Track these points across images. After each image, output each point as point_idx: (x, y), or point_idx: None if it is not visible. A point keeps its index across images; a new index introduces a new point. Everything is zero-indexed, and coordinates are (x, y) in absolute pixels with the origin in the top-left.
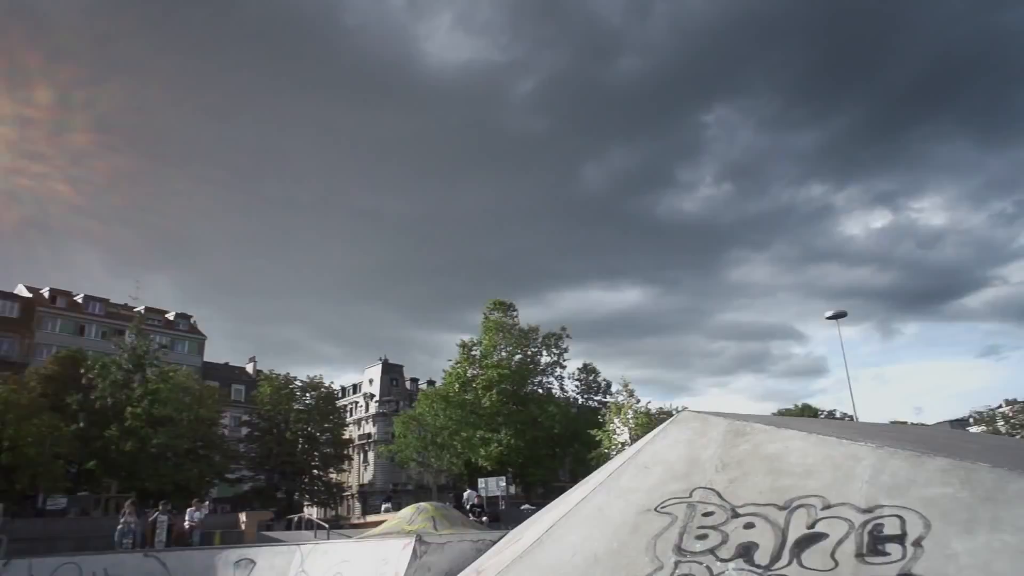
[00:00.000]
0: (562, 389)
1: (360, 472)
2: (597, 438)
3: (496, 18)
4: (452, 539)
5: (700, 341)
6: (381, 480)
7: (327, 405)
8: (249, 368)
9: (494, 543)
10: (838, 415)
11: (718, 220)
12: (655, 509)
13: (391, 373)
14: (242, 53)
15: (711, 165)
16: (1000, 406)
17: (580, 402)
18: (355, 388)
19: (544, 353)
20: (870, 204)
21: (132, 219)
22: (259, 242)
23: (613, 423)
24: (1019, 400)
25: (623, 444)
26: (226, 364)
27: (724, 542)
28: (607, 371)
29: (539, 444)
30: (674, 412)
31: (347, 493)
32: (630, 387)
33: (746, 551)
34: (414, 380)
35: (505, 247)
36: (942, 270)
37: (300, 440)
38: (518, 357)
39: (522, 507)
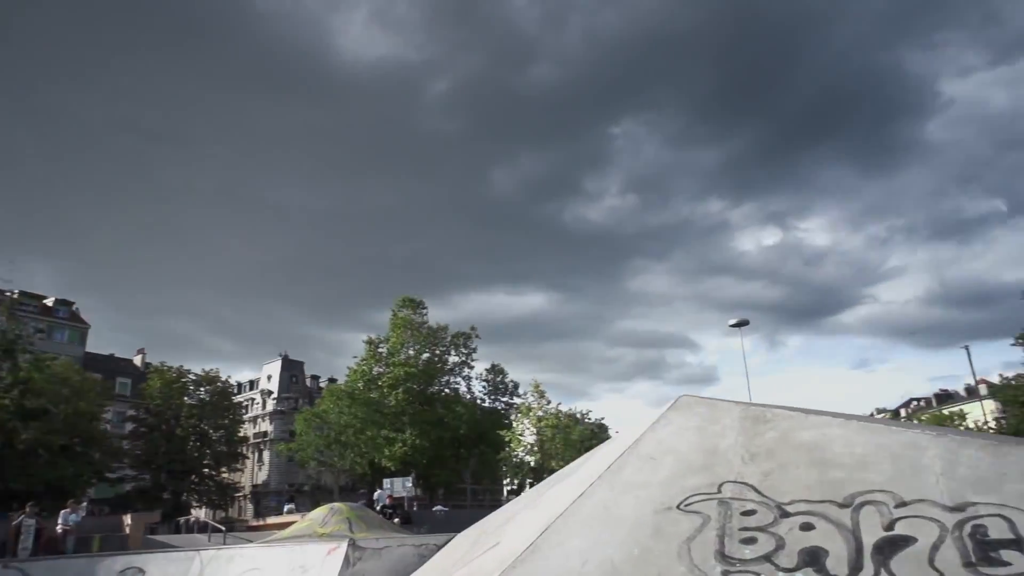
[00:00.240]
0: (469, 390)
1: (254, 472)
2: (507, 439)
3: (412, 16)
4: (391, 543)
5: (599, 347)
6: (276, 480)
7: (223, 400)
8: (137, 360)
9: (439, 547)
10: None
11: (622, 230)
12: (678, 507)
13: (291, 370)
14: (140, 30)
15: (617, 176)
16: (872, 414)
17: (487, 403)
18: (252, 384)
19: (452, 353)
20: (763, 222)
21: (5, 197)
22: (152, 230)
23: (522, 424)
24: (888, 408)
25: (531, 446)
26: (111, 356)
27: (780, 547)
28: (510, 374)
29: (444, 445)
30: (578, 416)
31: (239, 494)
32: (541, 388)
33: (813, 558)
34: (315, 377)
35: (412, 247)
36: (823, 287)
37: (191, 437)
38: (426, 356)
39: (434, 508)
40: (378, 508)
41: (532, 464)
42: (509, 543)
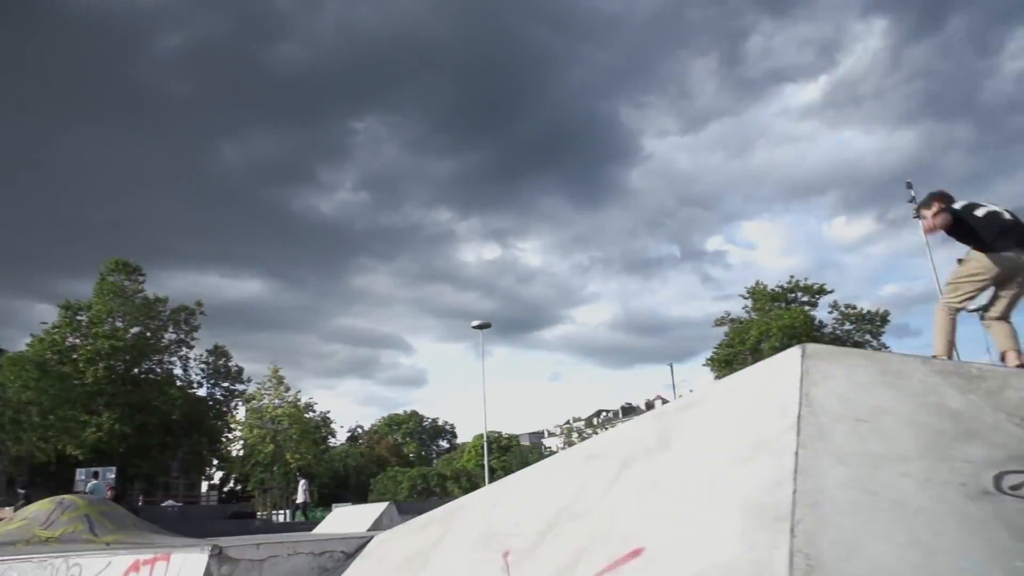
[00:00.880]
0: (185, 371)
1: None
2: (232, 427)
3: None
4: (278, 551)
5: (314, 342)
6: None
7: None
8: None
9: (352, 555)
10: (441, 422)
11: (351, 226)
12: (999, 489)
13: None
14: None
15: (353, 171)
16: (568, 421)
17: (203, 388)
18: None
19: (171, 329)
20: (486, 237)
21: None
22: None
23: (252, 413)
24: (581, 417)
25: (265, 436)
26: None
27: None
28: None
29: (150, 432)
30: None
31: None
32: (280, 374)
33: None
34: None
35: (116, 211)
36: (531, 304)
37: None
38: (137, 330)
39: (165, 504)
40: None
41: (262, 456)
42: (682, 551)
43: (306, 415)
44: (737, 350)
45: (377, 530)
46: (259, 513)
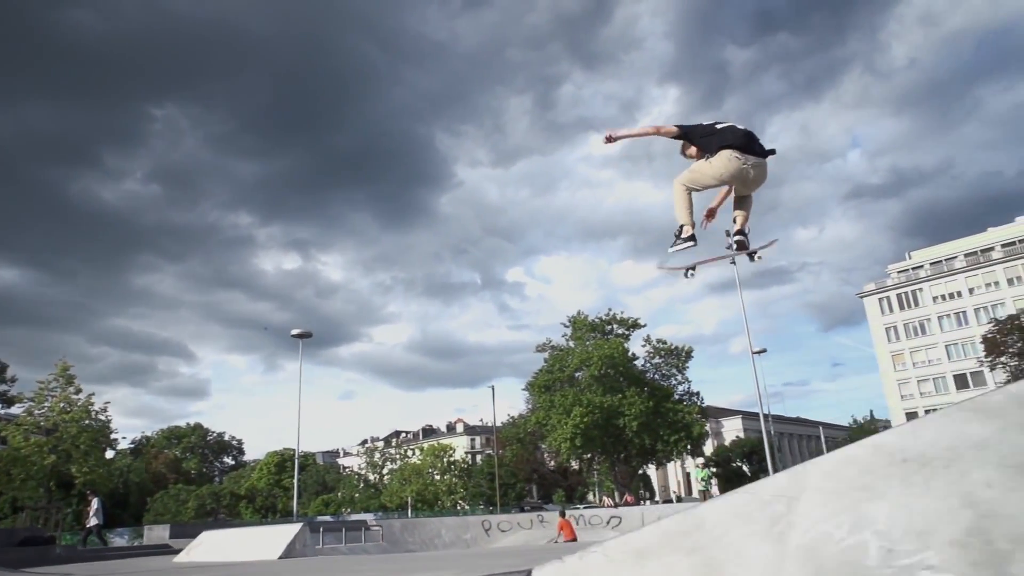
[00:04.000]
0: None
1: None
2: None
3: None
4: None
5: (80, 343)
6: None
7: None
8: None
9: None
10: (227, 437)
11: (138, 220)
12: None
13: None
14: None
15: (146, 160)
16: (365, 441)
17: None
18: None
19: None
20: (287, 246)
21: None
22: None
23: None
24: (379, 437)
25: (44, 447)
26: None
27: None
28: None
29: None
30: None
31: None
32: (70, 372)
33: None
34: None
35: None
36: (329, 320)
37: None
38: None
39: None
40: None
41: (35, 469)
42: None
43: (95, 421)
44: (556, 376)
45: (289, 557)
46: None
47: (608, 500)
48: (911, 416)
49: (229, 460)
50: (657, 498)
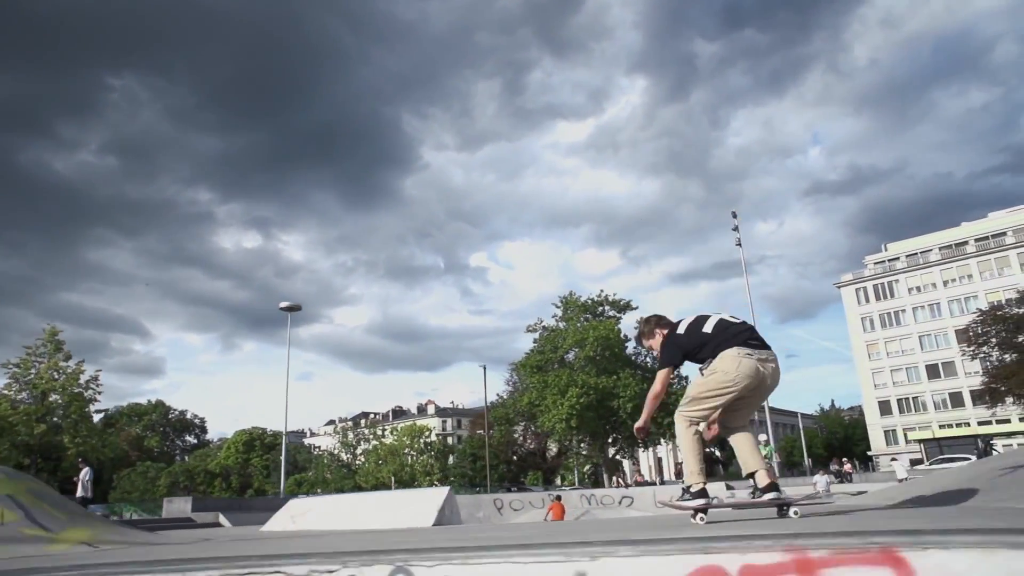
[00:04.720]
0: None
1: None
2: None
3: None
4: None
5: (28, 317)
6: None
7: None
8: None
9: None
10: (190, 415)
11: (92, 192)
12: None
13: None
14: None
15: (101, 132)
16: (333, 421)
17: None
18: None
19: None
20: (247, 225)
21: None
22: None
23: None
24: (348, 418)
25: (32, 415)
26: None
27: None
28: None
29: None
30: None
31: None
32: (59, 337)
33: None
34: None
35: None
36: (289, 300)
37: None
38: None
39: None
40: None
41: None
42: None
43: (85, 391)
44: (548, 357)
45: (440, 524)
46: None
47: (619, 480)
48: (883, 404)
49: (191, 439)
50: (630, 481)
